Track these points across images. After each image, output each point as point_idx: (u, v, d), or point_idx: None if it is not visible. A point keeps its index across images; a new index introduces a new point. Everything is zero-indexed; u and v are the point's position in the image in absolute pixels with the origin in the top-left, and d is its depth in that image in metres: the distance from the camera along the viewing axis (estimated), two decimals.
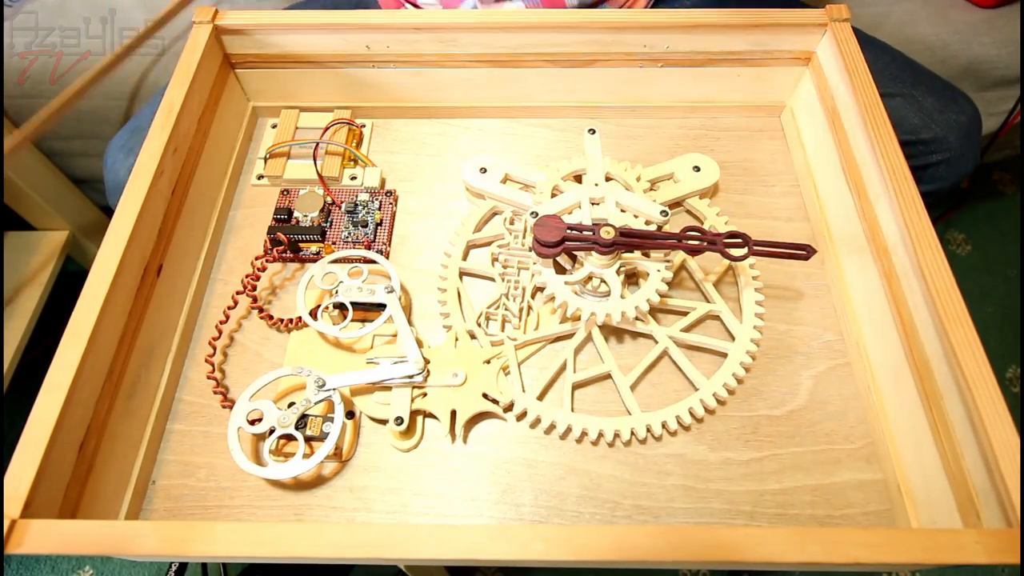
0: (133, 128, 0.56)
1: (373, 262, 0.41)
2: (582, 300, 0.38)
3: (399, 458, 0.37)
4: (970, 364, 0.30)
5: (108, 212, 0.36)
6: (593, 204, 0.41)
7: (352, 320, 0.39)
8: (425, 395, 0.37)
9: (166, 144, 0.38)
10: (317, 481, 0.36)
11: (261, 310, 0.40)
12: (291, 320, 0.40)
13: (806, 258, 0.37)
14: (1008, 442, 0.28)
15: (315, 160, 0.46)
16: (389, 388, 0.37)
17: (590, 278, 0.38)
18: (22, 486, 0.28)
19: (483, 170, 0.45)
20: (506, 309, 0.40)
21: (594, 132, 0.46)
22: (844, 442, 0.37)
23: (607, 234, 0.36)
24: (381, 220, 0.45)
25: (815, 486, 0.36)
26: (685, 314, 0.40)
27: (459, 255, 0.43)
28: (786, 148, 0.49)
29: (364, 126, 0.50)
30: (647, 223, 0.41)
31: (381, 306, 0.38)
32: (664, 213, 0.40)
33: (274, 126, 0.50)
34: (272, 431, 0.35)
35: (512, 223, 0.44)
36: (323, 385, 0.35)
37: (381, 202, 0.45)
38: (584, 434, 0.37)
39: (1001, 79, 0.82)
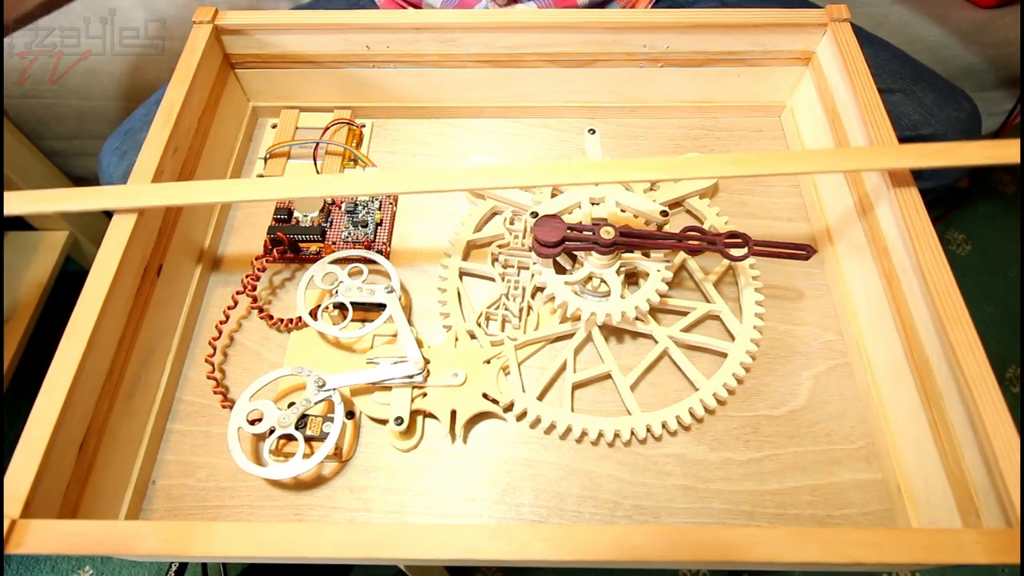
0: (126, 131, 0.55)
1: (373, 262, 0.41)
2: (582, 300, 0.38)
3: (399, 458, 0.37)
4: (970, 364, 0.30)
5: (108, 212, 0.36)
6: (593, 204, 0.41)
7: (352, 320, 0.39)
8: (425, 395, 0.37)
9: (166, 144, 0.38)
10: (317, 481, 0.36)
11: (261, 310, 0.40)
12: (291, 320, 0.40)
13: (806, 258, 0.38)
14: (1008, 442, 0.28)
15: (315, 160, 0.46)
16: (389, 388, 0.37)
17: (590, 278, 0.38)
18: (22, 486, 0.28)
19: None
20: (506, 309, 0.40)
21: (594, 132, 0.46)
22: (844, 442, 0.37)
23: (607, 234, 0.36)
24: (381, 220, 0.45)
25: (815, 486, 0.36)
26: (685, 314, 0.40)
27: (459, 255, 0.43)
28: (786, 148, 0.49)
29: (364, 126, 0.50)
30: (647, 223, 0.41)
31: (381, 306, 0.38)
32: (664, 213, 0.40)
33: (274, 126, 0.50)
34: (272, 431, 0.35)
35: (512, 223, 0.44)
36: (323, 385, 0.35)
37: (381, 202, 0.45)
38: (584, 434, 0.37)
39: (1001, 79, 0.82)
